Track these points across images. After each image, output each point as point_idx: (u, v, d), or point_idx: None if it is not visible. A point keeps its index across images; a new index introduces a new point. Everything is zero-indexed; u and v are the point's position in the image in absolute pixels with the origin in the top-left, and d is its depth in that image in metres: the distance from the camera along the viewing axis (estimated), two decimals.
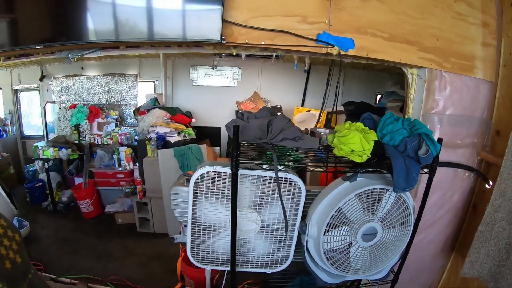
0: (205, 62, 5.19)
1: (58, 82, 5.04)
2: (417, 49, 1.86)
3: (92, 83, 5.02)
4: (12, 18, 1.58)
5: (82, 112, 4.74)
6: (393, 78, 4.41)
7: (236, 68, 5.25)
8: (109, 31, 1.52)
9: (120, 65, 4.98)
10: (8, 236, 0.96)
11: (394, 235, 1.56)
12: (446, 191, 2.14)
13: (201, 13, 1.53)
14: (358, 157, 1.36)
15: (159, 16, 1.52)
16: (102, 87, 5.04)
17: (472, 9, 1.98)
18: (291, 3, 1.68)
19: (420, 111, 1.96)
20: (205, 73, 5.26)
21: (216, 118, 5.27)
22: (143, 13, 1.50)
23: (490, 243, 1.84)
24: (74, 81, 5.02)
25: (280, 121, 1.43)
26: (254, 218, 1.55)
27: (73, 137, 4.75)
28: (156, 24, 1.52)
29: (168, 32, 1.55)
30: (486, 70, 2.05)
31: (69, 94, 5.05)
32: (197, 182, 1.44)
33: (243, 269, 1.68)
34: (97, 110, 4.86)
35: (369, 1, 1.75)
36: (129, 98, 5.09)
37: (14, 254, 0.95)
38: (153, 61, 4.97)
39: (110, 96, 5.07)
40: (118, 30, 1.51)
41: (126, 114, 5.18)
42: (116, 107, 5.14)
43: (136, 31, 1.52)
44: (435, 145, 1.41)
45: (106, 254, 3.46)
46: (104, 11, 1.50)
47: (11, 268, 0.91)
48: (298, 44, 1.68)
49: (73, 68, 4.99)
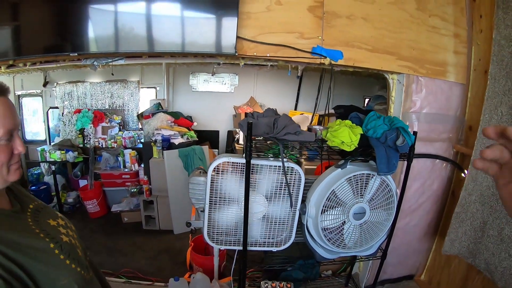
0: (204, 69, 5.46)
1: (61, 88, 5.21)
2: (396, 58, 2.18)
3: (95, 89, 5.22)
4: (54, 29, 1.87)
5: (87, 116, 4.95)
6: (380, 83, 4.67)
7: (233, 75, 5.57)
8: (141, 43, 1.85)
9: (123, 72, 5.18)
10: (69, 227, 1.08)
11: (380, 215, 1.85)
12: (426, 179, 2.43)
13: (221, 33, 1.86)
14: (347, 147, 1.67)
15: (191, 34, 1.88)
16: (105, 93, 5.24)
17: (445, 22, 2.28)
18: (291, 22, 1.99)
19: (400, 110, 2.26)
20: (204, 79, 5.55)
21: (214, 122, 5.56)
22: (179, 33, 1.88)
23: (466, 223, 2.06)
24: (77, 87, 5.20)
25: (284, 119, 1.73)
26: (262, 202, 1.83)
27: (78, 141, 4.95)
28: (188, 40, 1.87)
29: (196, 48, 1.89)
30: (458, 74, 2.35)
31: (72, 100, 5.22)
32: (214, 171, 1.73)
33: (252, 248, 1.95)
34: (101, 115, 5.06)
35: (356, 19, 2.07)
36: (131, 104, 5.31)
37: (79, 243, 1.07)
38: (154, 68, 5.21)
39: (113, 102, 5.28)
40: (153, 43, 1.87)
41: (129, 119, 5.38)
42: (118, 112, 5.33)
43: (173, 45, 1.88)
44: (410, 136, 1.72)
45: (116, 250, 3.65)
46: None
47: (81, 255, 1.03)
48: (297, 56, 1.99)
49: (76, 75, 5.16)
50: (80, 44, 1.85)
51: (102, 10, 1.84)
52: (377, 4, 2.12)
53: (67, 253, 0.95)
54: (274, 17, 1.97)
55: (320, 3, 2.01)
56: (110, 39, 1.86)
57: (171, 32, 1.86)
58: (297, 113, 4.82)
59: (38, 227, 0.94)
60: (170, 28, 1.85)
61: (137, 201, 4.34)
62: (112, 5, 1.83)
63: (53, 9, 1.82)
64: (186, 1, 1.85)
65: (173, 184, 3.87)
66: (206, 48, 1.87)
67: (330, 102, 2.34)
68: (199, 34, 1.85)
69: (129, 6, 1.86)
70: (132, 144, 4.94)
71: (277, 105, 5.27)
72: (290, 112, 4.91)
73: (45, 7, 1.82)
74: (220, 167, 1.73)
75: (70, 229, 1.08)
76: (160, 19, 1.87)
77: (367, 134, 1.76)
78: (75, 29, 1.83)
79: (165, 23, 1.87)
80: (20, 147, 0.94)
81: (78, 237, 1.11)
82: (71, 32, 1.84)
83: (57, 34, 1.87)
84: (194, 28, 1.86)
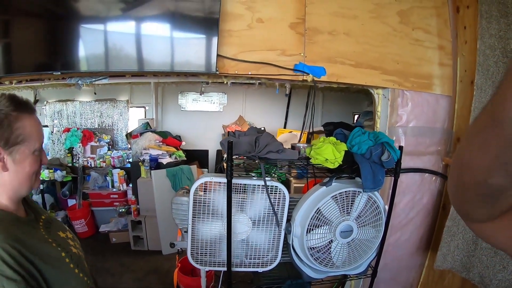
0: (192, 89, 5.45)
1: (51, 106, 5.18)
2: (380, 72, 2.17)
3: (84, 108, 5.19)
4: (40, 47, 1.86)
5: (76, 135, 4.90)
6: (368, 98, 4.70)
7: (222, 94, 5.57)
8: (124, 62, 1.84)
9: (112, 91, 5.17)
10: (76, 240, 1.19)
11: (369, 232, 1.80)
12: (415, 194, 2.39)
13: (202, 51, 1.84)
14: (331, 164, 1.63)
15: (172, 53, 1.88)
16: (95, 112, 5.21)
17: (428, 35, 2.28)
18: (273, 39, 1.98)
19: (386, 125, 2.25)
20: (193, 99, 5.54)
21: (204, 141, 5.52)
22: (161, 52, 1.87)
23: (458, 236, 2.02)
24: (67, 106, 5.17)
25: (266, 137, 1.70)
26: (246, 222, 1.78)
27: (67, 160, 4.88)
28: (169, 59, 1.88)
29: (178, 67, 1.88)
30: (444, 86, 2.34)
31: (61, 118, 5.18)
32: (196, 191, 1.68)
33: (238, 269, 1.89)
34: (90, 134, 5.01)
35: (338, 35, 2.07)
36: (121, 123, 5.28)
37: (84, 256, 1.17)
38: (143, 87, 5.20)
39: (102, 121, 5.24)
40: (142, 62, 1.87)
41: (118, 138, 5.33)
42: (108, 131, 5.29)
43: (155, 65, 1.89)
44: (395, 151, 1.69)
45: (104, 270, 3.58)
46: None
47: (86, 267, 1.13)
48: (279, 73, 1.98)
49: (66, 93, 5.13)
50: (69, 62, 1.84)
51: (91, 29, 1.83)
52: (359, 19, 2.12)
53: (76, 263, 1.05)
54: (256, 34, 1.96)
55: (302, 20, 2.01)
56: (95, 57, 1.85)
57: (153, 51, 1.85)
58: (286, 131, 4.81)
59: (50, 237, 1.04)
60: (152, 47, 1.84)
61: (125, 221, 4.27)
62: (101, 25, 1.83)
63: (42, 28, 1.82)
64: (166, 20, 1.84)
65: (161, 204, 3.82)
66: (188, 67, 1.85)
67: (319, 119, 2.32)
68: (180, 53, 1.84)
69: (115, 26, 1.86)
70: (121, 164, 4.88)
71: (266, 123, 5.30)
72: (279, 130, 4.91)
73: (34, 26, 1.81)
74: (203, 187, 1.68)
75: (77, 242, 1.20)
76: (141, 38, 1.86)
77: (352, 151, 1.73)
78: (64, 47, 1.82)
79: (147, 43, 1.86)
80: (45, 159, 1.08)
81: (83, 250, 1.21)
82: (59, 51, 1.84)
83: (46, 52, 1.87)
84: (175, 47, 1.85)
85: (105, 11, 1.79)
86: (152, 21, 1.85)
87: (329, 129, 4.37)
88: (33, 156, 1.01)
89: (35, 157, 1.02)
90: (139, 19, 1.83)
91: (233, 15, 1.92)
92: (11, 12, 1.75)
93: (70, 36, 1.80)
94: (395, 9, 2.19)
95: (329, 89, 4.82)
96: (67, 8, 1.76)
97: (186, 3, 1.83)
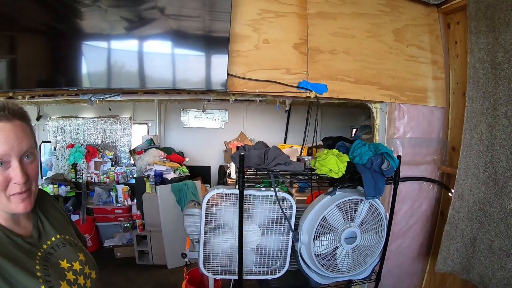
0: (194, 106, 5.60)
1: (54, 122, 5.27)
2: (377, 88, 2.30)
3: (88, 125, 5.29)
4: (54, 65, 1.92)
5: (80, 151, 4.98)
6: (365, 113, 4.76)
7: (223, 111, 5.73)
8: (133, 80, 1.94)
9: (115, 108, 5.28)
10: (85, 273, 1.02)
11: (371, 238, 1.89)
12: (414, 202, 2.49)
13: (213, 70, 1.97)
14: (335, 174, 1.75)
15: (184, 72, 2.00)
16: (98, 128, 5.31)
17: (422, 51, 2.42)
18: (278, 59, 2.12)
19: (384, 137, 2.36)
20: (195, 116, 5.69)
21: (206, 157, 5.64)
22: (172, 71, 1.98)
23: (457, 240, 2.08)
24: (70, 122, 5.27)
25: (274, 151, 1.82)
26: (256, 231, 1.88)
27: (70, 175, 4.95)
28: (180, 78, 1.99)
29: (189, 85, 2.00)
30: (438, 99, 2.46)
31: (65, 135, 5.27)
32: (209, 203, 1.78)
33: (248, 277, 1.97)
34: (94, 150, 5.11)
35: (338, 54, 2.21)
36: (124, 139, 5.39)
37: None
38: (146, 105, 5.32)
39: (105, 137, 5.35)
40: (145, 80, 1.95)
41: (121, 155, 5.43)
42: (111, 147, 5.38)
43: (166, 82, 1.99)
44: (394, 160, 1.81)
45: (110, 284, 3.62)
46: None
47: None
48: (284, 90, 2.10)
49: (69, 110, 5.24)
50: (74, 79, 1.89)
51: (95, 46, 1.91)
52: (357, 38, 2.26)
53: None
54: (262, 54, 2.09)
55: (304, 40, 2.15)
56: (102, 75, 1.93)
57: (165, 70, 1.96)
58: (286, 147, 4.93)
59: (41, 266, 0.90)
60: (164, 65, 1.94)
61: (130, 236, 4.32)
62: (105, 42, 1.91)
63: (47, 45, 1.88)
64: (179, 40, 1.96)
65: (166, 218, 3.90)
66: (199, 85, 1.98)
67: (318, 134, 2.43)
68: (191, 71, 1.95)
69: (121, 44, 1.95)
70: (125, 180, 4.97)
71: (267, 139, 5.22)
72: (280, 146, 5.03)
73: (40, 43, 1.87)
74: (214, 199, 1.78)
75: (85, 275, 1.02)
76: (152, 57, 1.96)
77: (354, 161, 1.85)
78: (69, 64, 1.88)
79: (159, 61, 1.96)
80: (17, 177, 0.86)
81: (96, 284, 1.07)
82: (65, 67, 1.89)
83: (52, 68, 1.92)
84: (186, 66, 1.96)
85: (120, 29, 1.90)
86: (162, 39, 1.97)
87: (328, 143, 4.48)
88: None
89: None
90: (164, 39, 1.96)
91: (241, 36, 2.05)
92: (28, 31, 1.83)
93: (77, 53, 1.87)
94: (390, 28, 2.33)
95: (328, 105, 4.97)
96: (72, 26, 1.84)
97: (197, 25, 1.96)
